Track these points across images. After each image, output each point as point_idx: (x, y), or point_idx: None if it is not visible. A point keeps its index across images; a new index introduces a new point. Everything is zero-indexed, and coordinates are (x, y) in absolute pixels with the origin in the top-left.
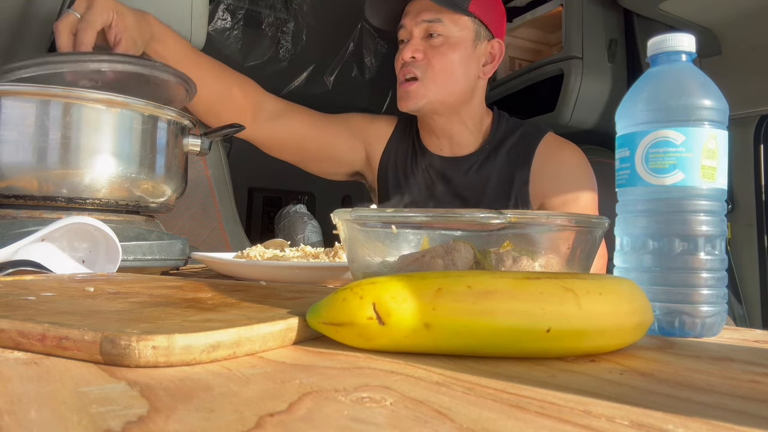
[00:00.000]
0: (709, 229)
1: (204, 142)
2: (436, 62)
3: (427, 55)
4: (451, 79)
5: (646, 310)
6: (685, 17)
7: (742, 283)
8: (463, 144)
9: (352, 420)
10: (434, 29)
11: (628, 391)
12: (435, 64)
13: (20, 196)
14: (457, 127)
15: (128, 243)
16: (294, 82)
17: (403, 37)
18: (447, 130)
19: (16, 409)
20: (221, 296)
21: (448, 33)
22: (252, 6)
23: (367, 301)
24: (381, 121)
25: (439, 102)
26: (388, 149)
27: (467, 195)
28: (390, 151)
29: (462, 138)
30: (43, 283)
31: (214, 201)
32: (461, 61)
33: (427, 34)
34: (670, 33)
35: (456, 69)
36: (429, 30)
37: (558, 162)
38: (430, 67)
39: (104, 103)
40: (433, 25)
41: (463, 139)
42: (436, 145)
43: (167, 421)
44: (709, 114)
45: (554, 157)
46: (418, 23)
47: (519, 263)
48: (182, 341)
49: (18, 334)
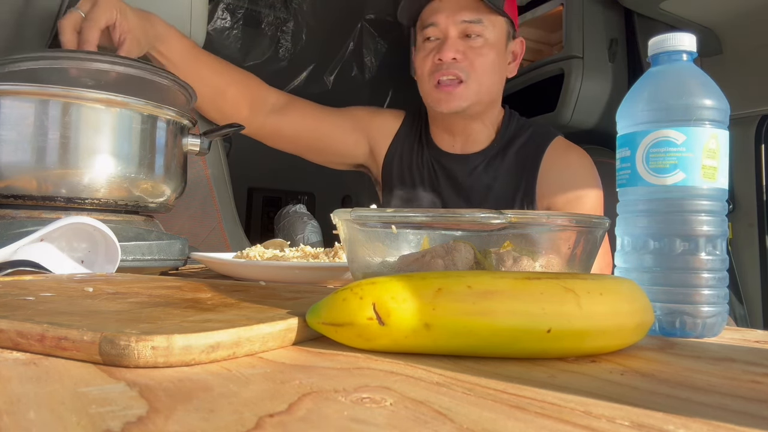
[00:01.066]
0: (709, 229)
1: (203, 141)
2: (478, 64)
3: (467, 56)
4: (491, 80)
5: (647, 311)
6: (686, 17)
7: (743, 283)
8: (476, 141)
9: (352, 420)
10: (474, 30)
11: (629, 392)
12: (477, 66)
13: (19, 196)
14: (478, 126)
15: (127, 243)
16: (294, 82)
17: (434, 35)
18: (467, 129)
19: (15, 410)
20: (221, 296)
21: (486, 34)
22: (251, 5)
23: (367, 302)
24: (387, 115)
25: (478, 103)
26: (395, 144)
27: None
28: (396, 145)
29: (477, 136)
30: (42, 283)
31: (213, 201)
32: (498, 62)
33: (465, 34)
34: (671, 32)
35: (494, 70)
36: (468, 31)
37: (565, 165)
38: (472, 69)
39: (103, 102)
40: (473, 25)
41: (477, 137)
42: (447, 141)
43: (166, 422)
44: (709, 114)
45: (561, 160)
46: (456, 23)
47: (519, 263)
48: (181, 342)
49: (17, 334)
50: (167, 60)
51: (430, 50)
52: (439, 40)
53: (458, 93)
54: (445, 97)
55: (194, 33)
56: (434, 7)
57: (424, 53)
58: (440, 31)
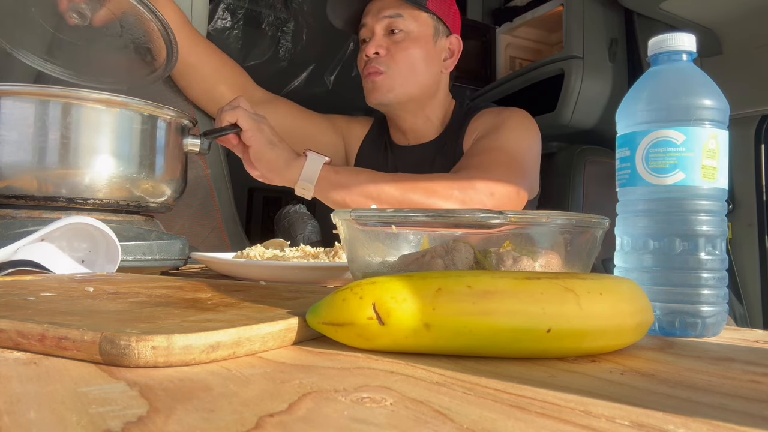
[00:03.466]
0: (709, 229)
1: (203, 142)
2: (399, 57)
3: (390, 51)
4: (415, 72)
5: (647, 310)
6: (685, 17)
7: (743, 283)
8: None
9: (352, 420)
10: (395, 25)
11: (629, 392)
12: (398, 59)
13: (20, 196)
14: (421, 121)
15: (128, 243)
16: (294, 82)
17: (365, 35)
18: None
19: (15, 410)
20: (221, 296)
21: (408, 28)
22: (252, 5)
23: (367, 301)
24: (357, 122)
25: (406, 95)
26: (362, 148)
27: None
28: (363, 150)
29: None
30: (43, 283)
31: (213, 201)
32: (423, 56)
33: (389, 30)
34: (671, 33)
35: (418, 63)
36: (390, 26)
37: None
38: (393, 61)
39: (104, 103)
40: (395, 20)
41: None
42: (402, 139)
43: (167, 422)
44: (709, 114)
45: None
46: (379, 20)
47: (519, 263)
48: (182, 341)
49: (17, 334)
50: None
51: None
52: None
53: (379, 82)
54: (371, 87)
55: None
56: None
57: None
58: (369, 31)
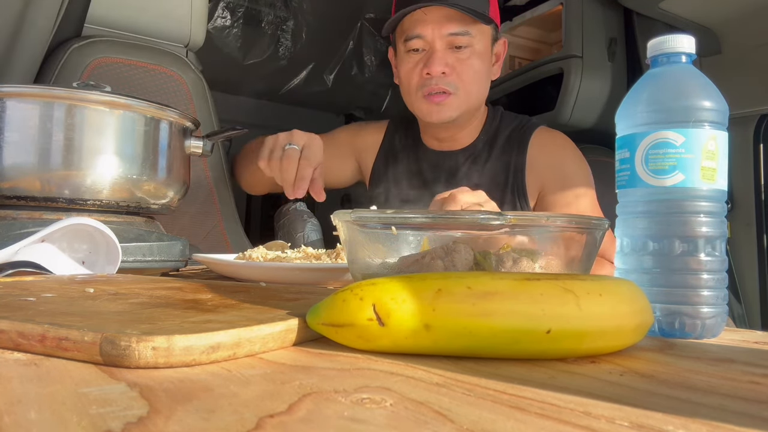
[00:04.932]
0: (709, 230)
1: (206, 144)
2: (466, 76)
3: (455, 69)
4: (480, 88)
5: (647, 312)
6: (685, 16)
7: (742, 283)
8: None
9: (352, 421)
10: (461, 42)
11: (629, 393)
12: (465, 78)
13: (22, 197)
14: (466, 130)
15: (128, 244)
16: (293, 81)
17: (420, 46)
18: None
19: (15, 410)
20: (221, 297)
21: (474, 44)
22: (252, 4)
23: (367, 302)
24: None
25: (468, 112)
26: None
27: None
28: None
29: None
30: (43, 284)
31: (214, 201)
32: (485, 69)
33: (452, 46)
34: (670, 34)
35: (482, 78)
36: (455, 42)
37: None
38: (461, 81)
39: (107, 105)
40: (460, 37)
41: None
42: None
43: (167, 422)
44: (709, 115)
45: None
46: (443, 35)
47: (519, 264)
48: (182, 342)
49: (18, 335)
50: None
51: (416, 62)
52: (425, 51)
53: (448, 104)
54: (436, 108)
55: (194, 32)
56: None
57: (410, 65)
58: (426, 43)
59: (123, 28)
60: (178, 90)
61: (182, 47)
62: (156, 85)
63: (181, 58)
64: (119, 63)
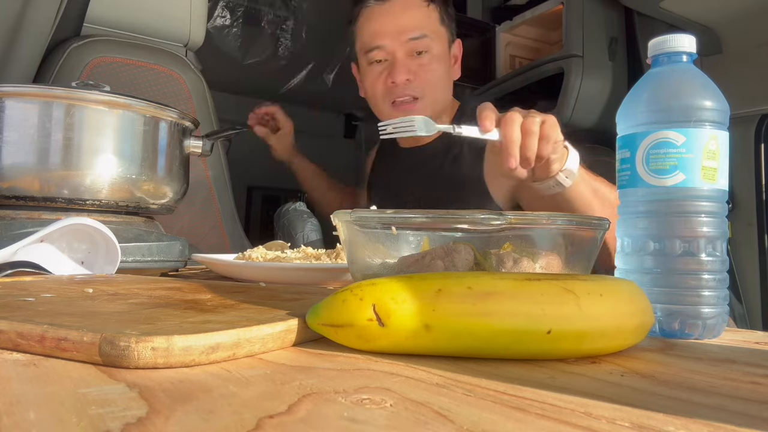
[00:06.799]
0: (709, 230)
1: (205, 143)
2: (430, 79)
3: (418, 75)
4: (444, 90)
5: (647, 312)
6: (685, 16)
7: (743, 283)
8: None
9: (352, 421)
10: (420, 46)
11: (629, 393)
12: (430, 82)
13: (21, 197)
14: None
15: (127, 244)
16: (293, 80)
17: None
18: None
19: (15, 411)
20: (221, 298)
21: (432, 48)
22: (251, 3)
23: (367, 303)
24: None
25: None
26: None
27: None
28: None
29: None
30: (42, 284)
31: (213, 200)
32: (446, 71)
33: (412, 52)
34: (671, 34)
35: (444, 80)
36: (415, 48)
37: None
38: (426, 85)
39: (106, 104)
40: (419, 42)
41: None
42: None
43: (166, 423)
44: (709, 115)
45: None
46: (402, 42)
47: (519, 265)
48: (181, 342)
49: (17, 335)
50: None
51: (379, 73)
52: (386, 61)
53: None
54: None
55: (194, 31)
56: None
57: (373, 75)
58: (387, 53)
59: (122, 27)
60: (177, 89)
61: (182, 47)
62: (155, 85)
63: (181, 58)
64: (118, 62)
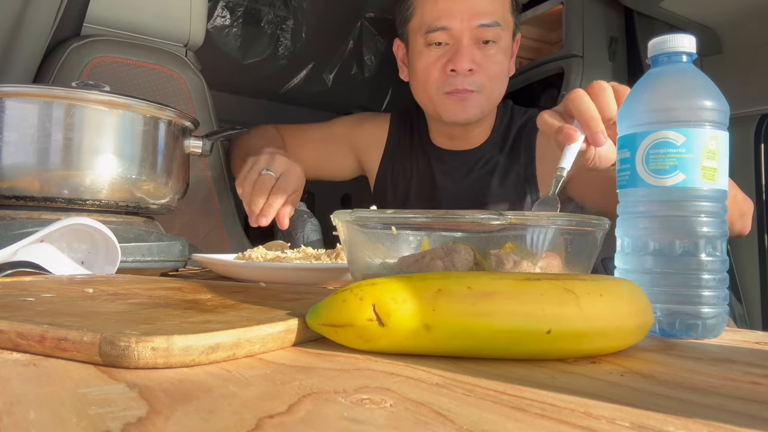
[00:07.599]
0: (709, 230)
1: (205, 144)
2: (492, 73)
3: (482, 66)
4: (502, 86)
5: (647, 312)
6: (685, 16)
7: (743, 283)
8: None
9: (352, 421)
10: (488, 35)
11: (629, 393)
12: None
13: (21, 197)
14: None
15: (127, 244)
16: (293, 80)
17: (444, 40)
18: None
19: (14, 411)
20: (220, 298)
21: (500, 37)
22: (251, 3)
23: (367, 303)
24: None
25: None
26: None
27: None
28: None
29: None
30: (42, 284)
31: (213, 200)
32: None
33: (478, 40)
34: (671, 34)
35: (505, 75)
36: (482, 36)
37: None
38: (488, 79)
39: (106, 104)
40: (489, 30)
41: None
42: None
43: (166, 423)
44: (709, 115)
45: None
46: (471, 27)
47: (519, 265)
48: (181, 342)
49: (17, 335)
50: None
51: (437, 57)
52: (449, 45)
53: (473, 101)
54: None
55: (194, 31)
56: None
57: (430, 60)
58: (451, 37)
59: (122, 27)
60: (177, 89)
61: (181, 46)
62: (155, 85)
63: (181, 58)
64: (118, 62)
